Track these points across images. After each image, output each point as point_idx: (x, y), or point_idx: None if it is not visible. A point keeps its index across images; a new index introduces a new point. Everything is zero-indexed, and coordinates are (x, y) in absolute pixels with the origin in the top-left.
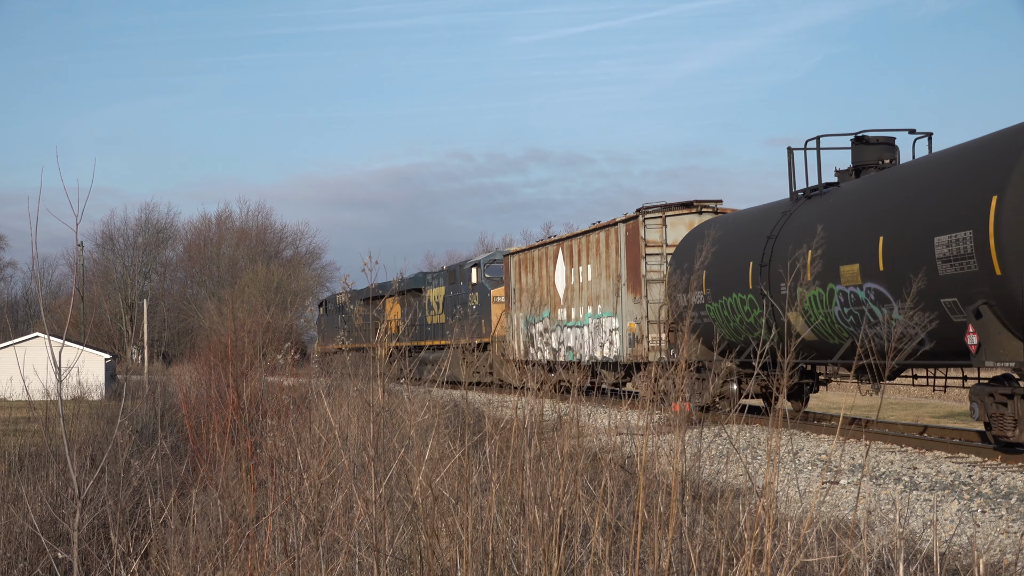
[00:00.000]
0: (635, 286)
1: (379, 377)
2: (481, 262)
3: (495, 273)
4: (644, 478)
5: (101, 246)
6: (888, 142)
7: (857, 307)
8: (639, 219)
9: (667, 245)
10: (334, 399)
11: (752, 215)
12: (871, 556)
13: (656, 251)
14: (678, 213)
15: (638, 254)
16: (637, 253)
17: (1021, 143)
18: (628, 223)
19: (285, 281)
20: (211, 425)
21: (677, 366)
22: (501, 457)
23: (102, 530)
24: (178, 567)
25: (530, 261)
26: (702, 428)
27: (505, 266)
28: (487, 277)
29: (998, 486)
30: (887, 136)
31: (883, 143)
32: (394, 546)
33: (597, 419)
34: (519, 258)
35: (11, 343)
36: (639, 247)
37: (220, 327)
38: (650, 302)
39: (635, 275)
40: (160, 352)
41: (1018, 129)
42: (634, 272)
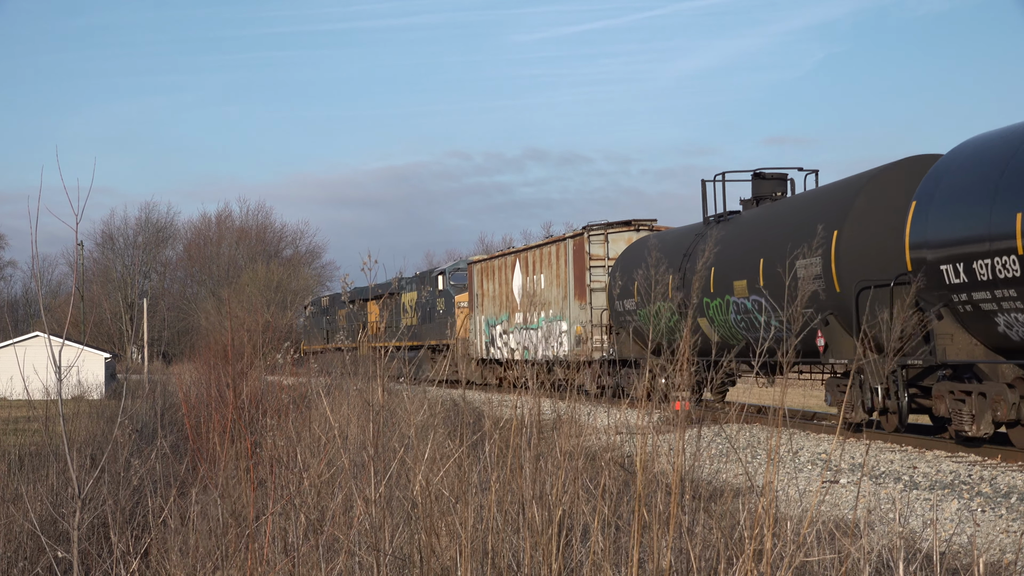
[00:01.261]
0: (581, 294)
1: (379, 377)
2: (446, 270)
3: (459, 280)
4: (643, 477)
5: (101, 245)
6: (781, 177)
7: (746, 315)
8: (584, 235)
9: (609, 258)
10: (334, 398)
11: (675, 235)
12: (871, 555)
13: (599, 263)
14: (619, 230)
15: (584, 266)
16: (583, 265)
17: (857, 189)
18: (575, 239)
19: (285, 280)
20: (211, 424)
21: (678, 362)
22: (500, 456)
23: (102, 529)
24: (178, 566)
25: (491, 270)
26: (701, 427)
27: (469, 274)
28: (452, 284)
29: (998, 485)
30: (780, 172)
31: (776, 178)
32: (394, 545)
33: (597, 418)
34: (481, 267)
35: (11, 342)
36: (585, 260)
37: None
38: (594, 308)
39: (581, 284)
40: (160, 351)
41: (859, 177)
42: (580, 282)
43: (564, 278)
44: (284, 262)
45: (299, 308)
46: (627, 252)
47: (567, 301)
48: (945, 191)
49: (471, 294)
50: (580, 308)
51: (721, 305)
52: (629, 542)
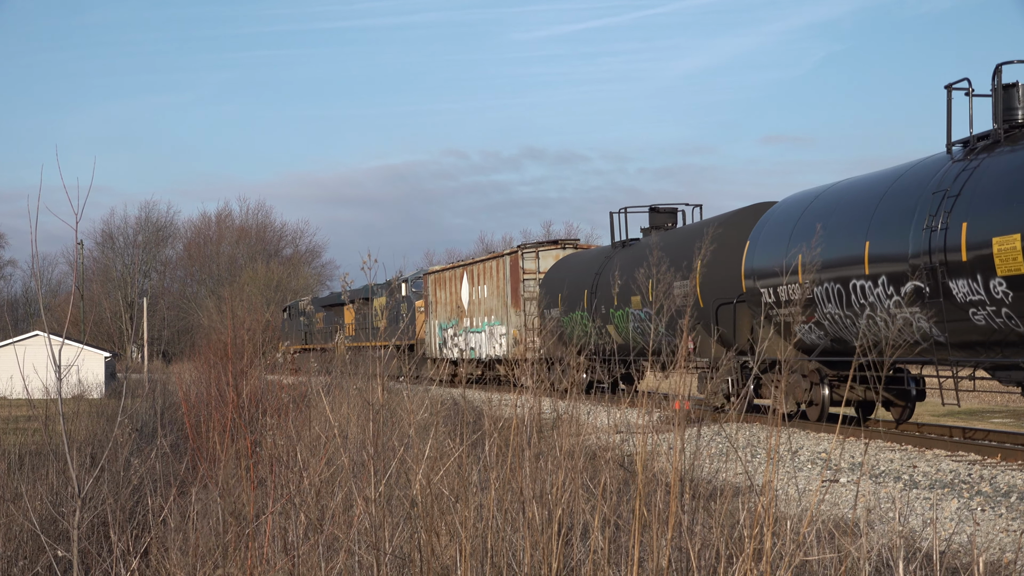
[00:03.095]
0: (516, 302)
1: (378, 376)
2: (409, 279)
3: (419, 287)
4: (643, 476)
5: (101, 244)
6: (672, 211)
7: (641, 323)
8: (519, 253)
9: (539, 272)
10: (333, 398)
11: (591, 255)
12: (871, 554)
13: (532, 277)
14: (548, 248)
15: (518, 279)
16: (518, 278)
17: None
18: (511, 255)
19: (285, 279)
20: (211, 423)
21: (676, 363)
22: (500, 455)
23: (102, 528)
24: (178, 565)
25: (444, 280)
26: (701, 426)
27: (425, 283)
28: (413, 291)
29: (998, 484)
30: (671, 207)
31: (667, 212)
32: (394, 544)
33: (596, 417)
34: (435, 277)
35: (11, 341)
36: (519, 274)
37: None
38: (527, 314)
39: (516, 294)
40: (160, 350)
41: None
42: (516, 292)
43: (503, 289)
44: (284, 261)
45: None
46: (554, 268)
47: (505, 308)
48: (765, 234)
49: (427, 301)
50: (516, 314)
51: (623, 315)
52: (629, 541)
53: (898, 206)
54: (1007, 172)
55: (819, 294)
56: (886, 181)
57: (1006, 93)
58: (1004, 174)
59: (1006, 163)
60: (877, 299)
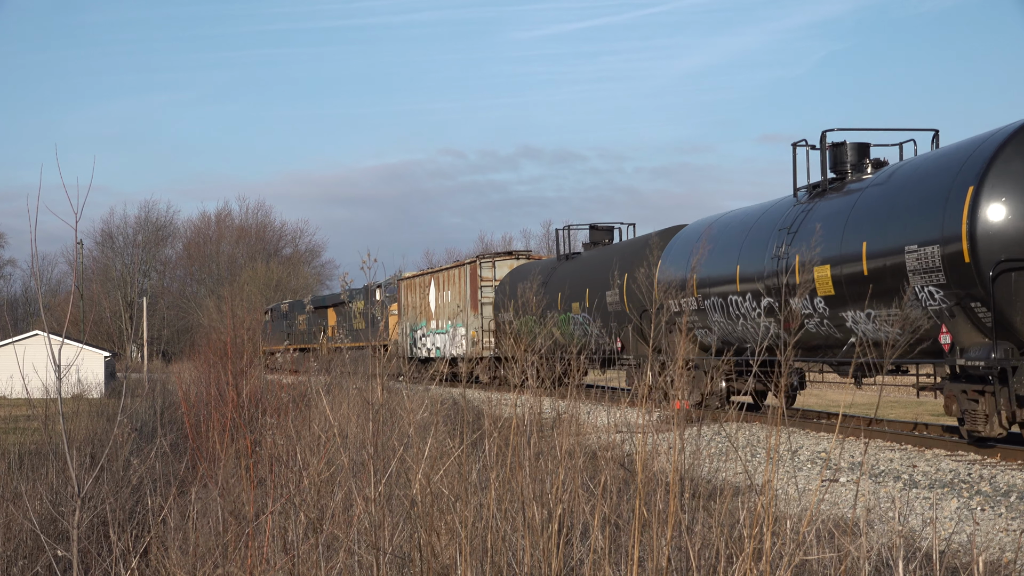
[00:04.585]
0: (475, 307)
1: (378, 375)
2: (383, 284)
3: (392, 292)
4: (643, 476)
5: (100, 244)
6: (608, 229)
7: (580, 326)
8: (477, 262)
9: (496, 280)
10: (333, 397)
11: (540, 265)
12: (870, 554)
13: (489, 284)
14: (503, 259)
15: (477, 286)
16: (476, 285)
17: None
18: (471, 265)
19: (285, 279)
20: (211, 423)
21: (675, 364)
22: (500, 455)
23: (102, 528)
24: (178, 565)
25: (414, 285)
26: (701, 426)
27: (398, 288)
28: (387, 296)
29: (997, 484)
30: (608, 225)
31: (605, 229)
32: (393, 544)
33: (596, 417)
34: (407, 283)
35: (10, 341)
36: (477, 281)
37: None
38: (484, 317)
39: (475, 300)
40: (160, 350)
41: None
42: (474, 298)
43: (464, 294)
44: (284, 261)
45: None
46: (508, 276)
47: (466, 312)
48: (672, 254)
49: (400, 305)
50: (474, 317)
51: (566, 319)
52: (629, 540)
53: (758, 237)
54: (826, 216)
55: (708, 305)
56: (754, 216)
57: (834, 151)
58: (823, 217)
59: (827, 208)
60: (747, 310)
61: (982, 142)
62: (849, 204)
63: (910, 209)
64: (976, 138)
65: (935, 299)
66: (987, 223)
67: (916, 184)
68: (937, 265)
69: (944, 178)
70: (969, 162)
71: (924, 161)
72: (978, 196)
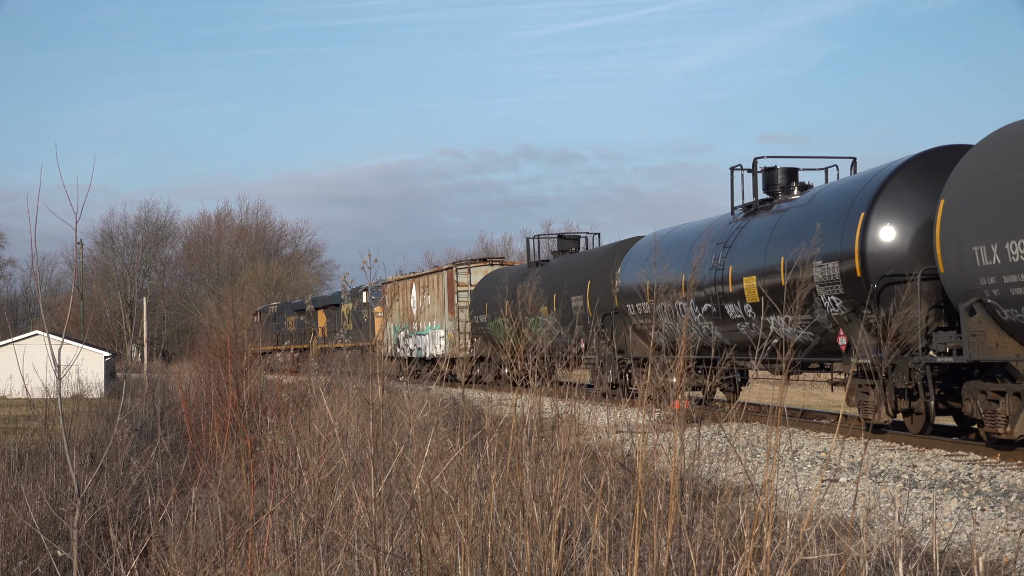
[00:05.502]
0: (452, 310)
1: (378, 375)
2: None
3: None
4: (643, 476)
5: (100, 244)
6: (575, 238)
7: (549, 329)
8: (454, 268)
9: (471, 284)
10: (333, 397)
11: (513, 271)
12: (870, 554)
13: (465, 288)
14: (478, 265)
15: (453, 290)
16: (453, 290)
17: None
18: (448, 270)
19: (284, 279)
20: (211, 423)
21: (675, 363)
22: (500, 455)
23: (102, 528)
24: (178, 565)
25: (398, 289)
26: (700, 426)
27: (383, 291)
28: (372, 298)
29: (997, 484)
30: (575, 235)
31: (572, 238)
32: (393, 544)
33: (596, 417)
34: (391, 286)
35: (10, 341)
36: (454, 286)
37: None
38: (460, 320)
39: (452, 303)
40: (159, 350)
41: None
42: (451, 301)
43: (442, 298)
44: (283, 261)
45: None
46: (483, 281)
47: (444, 315)
48: (630, 263)
49: (384, 307)
50: (451, 320)
51: (535, 322)
52: (629, 541)
53: (700, 250)
54: (754, 232)
55: (659, 310)
56: (697, 230)
57: (767, 175)
58: (753, 234)
59: (756, 225)
60: (692, 315)
61: (876, 174)
62: (774, 223)
63: (818, 230)
64: (873, 169)
65: (836, 307)
66: (875, 244)
67: (825, 207)
68: (837, 278)
69: (845, 203)
70: (864, 191)
71: (835, 187)
72: (868, 221)
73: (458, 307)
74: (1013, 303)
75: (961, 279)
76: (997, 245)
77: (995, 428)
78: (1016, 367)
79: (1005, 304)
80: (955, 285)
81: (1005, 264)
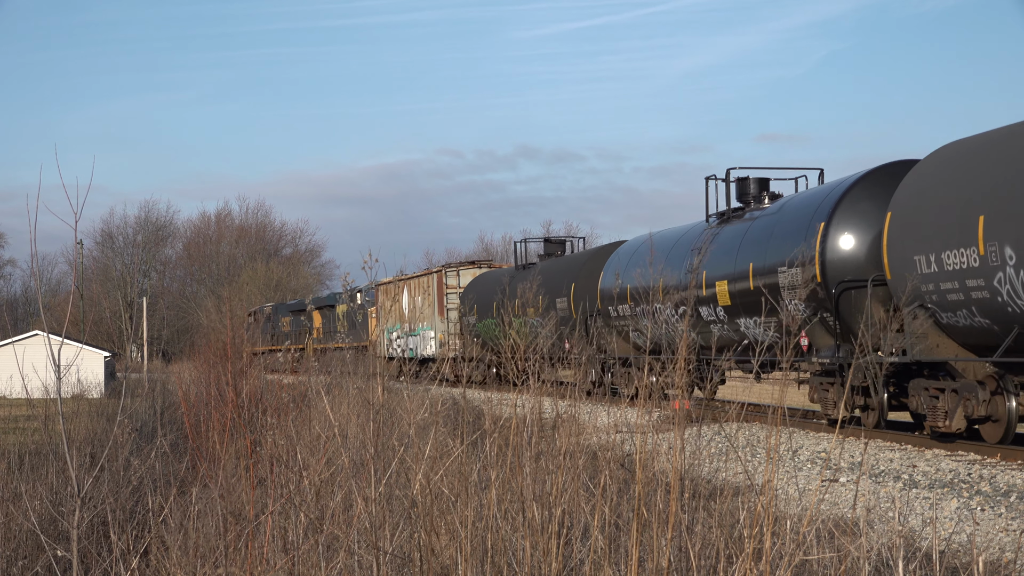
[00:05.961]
0: (442, 311)
1: (378, 375)
2: (363, 289)
3: (372, 296)
4: (643, 476)
5: (100, 244)
6: (561, 242)
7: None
8: (443, 271)
9: (460, 287)
10: (333, 397)
11: (500, 273)
12: (870, 554)
13: (454, 291)
14: (467, 268)
15: (443, 292)
16: (442, 292)
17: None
18: (438, 273)
19: (284, 279)
20: (211, 423)
21: (676, 361)
22: (500, 455)
23: (101, 528)
24: (178, 565)
25: (390, 291)
26: (701, 426)
27: (376, 293)
28: (367, 300)
29: (997, 484)
30: (561, 238)
31: (557, 242)
32: (393, 544)
33: (596, 417)
34: (384, 288)
35: (10, 341)
36: (443, 288)
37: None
38: (450, 321)
39: (441, 305)
40: (159, 350)
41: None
42: (441, 303)
43: (432, 300)
44: (284, 260)
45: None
46: (471, 284)
47: (434, 317)
48: (611, 268)
49: (377, 309)
50: (442, 321)
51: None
52: (629, 541)
53: (676, 256)
54: (727, 239)
55: (639, 312)
56: (675, 237)
57: (740, 184)
58: (725, 240)
59: (729, 232)
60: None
61: (836, 186)
62: (744, 230)
63: (784, 237)
64: (835, 181)
65: (800, 310)
66: (834, 251)
67: (790, 217)
68: (800, 283)
69: (808, 213)
70: (825, 202)
71: (801, 197)
72: (827, 230)
73: (448, 309)
74: (950, 308)
75: (905, 285)
76: (935, 255)
77: (936, 422)
78: (955, 366)
79: (943, 309)
80: (900, 290)
81: (942, 272)
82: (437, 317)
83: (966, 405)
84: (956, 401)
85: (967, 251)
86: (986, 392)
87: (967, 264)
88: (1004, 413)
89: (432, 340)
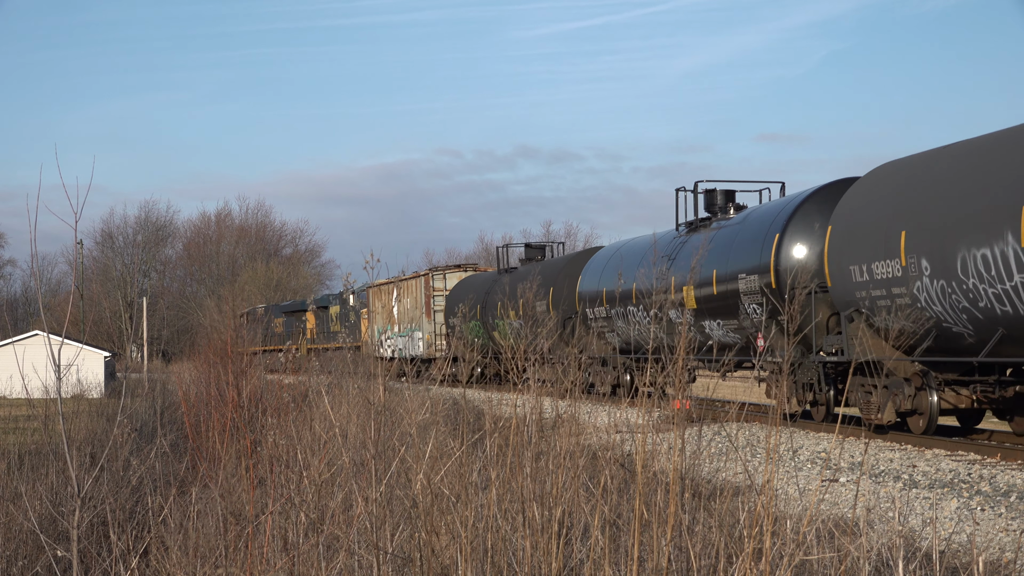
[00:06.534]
0: (429, 313)
1: (379, 375)
2: (356, 291)
3: (364, 298)
4: (643, 476)
5: (100, 244)
6: (541, 247)
7: (516, 331)
8: (430, 274)
9: (446, 289)
10: (334, 397)
11: (484, 277)
12: (870, 554)
13: (440, 293)
14: (453, 271)
15: (430, 294)
16: (429, 294)
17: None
18: (425, 276)
19: (285, 279)
20: (211, 423)
21: (673, 360)
22: (500, 455)
23: (101, 528)
24: (178, 565)
25: (380, 293)
26: (701, 426)
27: (368, 295)
28: (360, 301)
29: (997, 484)
30: (541, 244)
31: (538, 247)
32: (394, 544)
33: (596, 417)
34: (374, 290)
35: (10, 341)
36: (430, 290)
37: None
38: (436, 323)
39: (428, 307)
40: (160, 350)
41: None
42: (428, 305)
43: (419, 302)
44: (284, 260)
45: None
46: (456, 287)
47: (422, 318)
48: (589, 272)
49: (368, 310)
50: (428, 323)
51: (504, 325)
52: (629, 541)
53: (649, 262)
54: (694, 247)
55: (614, 314)
56: (648, 244)
57: (708, 195)
58: (693, 249)
59: (696, 241)
60: (640, 319)
61: (792, 199)
62: (710, 239)
63: (743, 246)
64: (792, 195)
65: (757, 313)
66: (787, 260)
67: (750, 227)
68: (757, 288)
69: (765, 224)
70: (780, 215)
71: (762, 209)
72: (782, 240)
73: (434, 311)
74: (880, 312)
75: (843, 292)
76: (867, 265)
77: (869, 416)
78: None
79: (875, 313)
80: (839, 297)
81: (873, 280)
82: (424, 319)
83: (895, 400)
84: (887, 396)
85: (892, 262)
86: (912, 388)
87: (892, 274)
88: (927, 407)
89: (420, 341)
